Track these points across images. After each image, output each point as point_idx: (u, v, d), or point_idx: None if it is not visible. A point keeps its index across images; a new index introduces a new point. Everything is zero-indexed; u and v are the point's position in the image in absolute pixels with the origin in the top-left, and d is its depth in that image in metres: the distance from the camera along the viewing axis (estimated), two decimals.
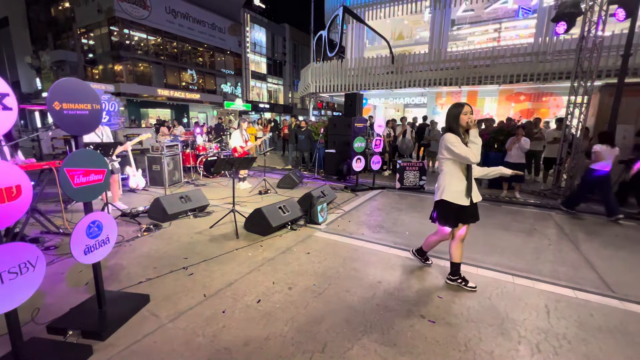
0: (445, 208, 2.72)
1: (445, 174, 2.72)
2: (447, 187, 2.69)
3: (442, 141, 2.67)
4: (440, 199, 2.73)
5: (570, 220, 5.11)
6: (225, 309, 2.42)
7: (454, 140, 2.58)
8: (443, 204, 2.72)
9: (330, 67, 12.18)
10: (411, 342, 2.13)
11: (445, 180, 2.71)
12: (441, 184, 2.75)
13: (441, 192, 2.72)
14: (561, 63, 8.19)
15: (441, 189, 2.73)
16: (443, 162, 2.73)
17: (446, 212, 2.73)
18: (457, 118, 2.63)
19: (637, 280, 3.12)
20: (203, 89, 26.40)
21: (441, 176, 2.76)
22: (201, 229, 4.17)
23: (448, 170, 2.70)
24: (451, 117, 2.68)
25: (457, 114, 2.64)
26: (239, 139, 6.30)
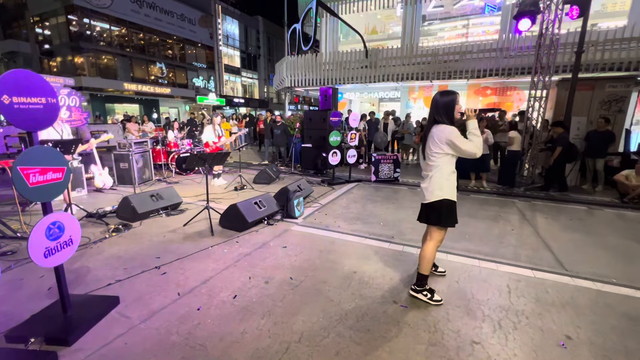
0: (449, 207, 2.42)
1: (441, 170, 2.39)
2: (446, 184, 2.40)
3: (442, 135, 2.31)
4: (443, 198, 2.40)
5: (532, 207, 5.47)
6: (201, 306, 2.39)
7: (458, 134, 2.30)
8: (447, 203, 2.41)
9: (305, 61, 12.10)
10: (384, 326, 2.22)
11: (443, 176, 2.40)
12: (438, 182, 2.41)
13: (440, 190, 2.40)
14: (523, 59, 8.65)
15: (439, 186, 2.40)
16: (439, 157, 2.37)
17: (451, 210, 2.44)
18: (451, 108, 2.35)
19: (587, 258, 3.42)
20: (174, 83, 25.32)
21: (436, 173, 2.41)
22: (174, 227, 4.06)
23: (445, 166, 2.39)
24: (443, 107, 2.36)
25: (451, 102, 2.35)
26: (211, 134, 6.14)
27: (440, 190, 2.41)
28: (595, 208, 5.45)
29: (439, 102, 2.39)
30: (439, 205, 2.42)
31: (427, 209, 2.52)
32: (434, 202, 2.44)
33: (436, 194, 2.42)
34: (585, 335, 2.18)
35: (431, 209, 2.47)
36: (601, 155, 6.32)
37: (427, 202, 2.49)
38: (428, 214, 2.52)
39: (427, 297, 2.52)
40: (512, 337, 2.14)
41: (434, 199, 2.43)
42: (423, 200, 2.55)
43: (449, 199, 2.41)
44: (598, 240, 3.98)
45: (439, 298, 2.52)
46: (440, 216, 2.45)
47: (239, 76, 32.06)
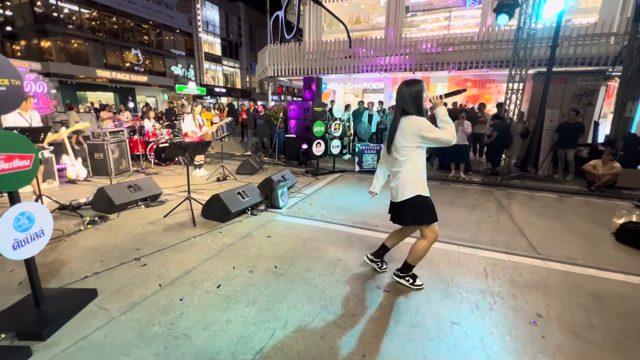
0: (424, 203, 2.31)
1: (412, 164, 2.28)
2: (418, 179, 2.29)
3: (413, 127, 2.20)
4: (416, 195, 2.28)
5: (508, 195, 5.70)
6: (183, 297, 2.35)
7: (429, 125, 2.19)
8: (421, 200, 2.29)
9: (288, 49, 11.87)
10: (368, 310, 2.27)
11: (415, 171, 2.28)
12: (410, 177, 2.29)
13: (413, 187, 2.28)
14: (502, 52, 8.88)
15: (411, 183, 2.28)
16: (411, 150, 2.25)
17: (427, 206, 2.31)
18: (419, 99, 2.25)
19: (557, 242, 3.62)
20: (151, 70, 24.25)
21: (407, 168, 2.28)
22: (154, 218, 3.95)
23: (416, 159, 2.28)
24: (412, 97, 2.24)
25: (420, 92, 2.24)
26: (191, 123, 5.96)
27: (413, 187, 2.28)
28: (566, 196, 5.75)
29: (407, 93, 2.26)
30: (412, 203, 2.29)
31: (399, 209, 2.37)
32: (406, 200, 2.30)
33: (409, 192, 2.28)
34: (555, 312, 2.32)
35: (404, 208, 2.33)
36: (571, 146, 6.65)
37: (398, 200, 2.35)
38: (401, 213, 2.37)
39: (409, 282, 2.58)
40: (488, 316, 2.25)
41: (407, 197, 2.29)
42: (394, 199, 2.39)
43: (423, 195, 2.29)
44: (567, 225, 4.22)
45: (420, 283, 2.58)
46: (415, 215, 2.32)
47: (220, 65, 31.13)
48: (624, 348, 1.98)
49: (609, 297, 2.53)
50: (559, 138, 6.77)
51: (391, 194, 2.45)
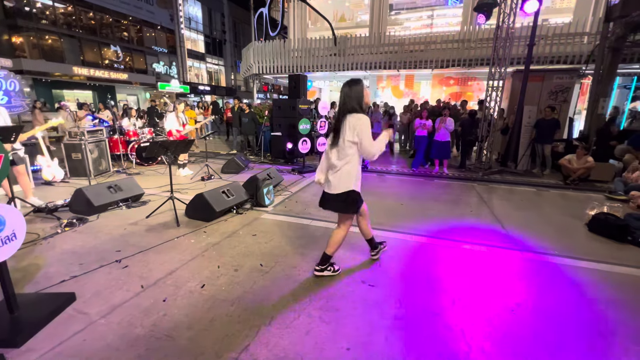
0: (355, 198, 2.45)
1: (354, 160, 2.38)
2: (356, 175, 2.42)
3: (359, 123, 2.27)
4: (351, 189, 2.41)
5: (489, 189, 5.87)
6: (167, 298, 2.32)
7: (369, 127, 2.28)
8: (355, 194, 2.44)
9: (273, 47, 11.79)
10: (352, 305, 2.30)
11: (355, 167, 2.40)
12: (350, 172, 2.39)
13: (350, 182, 2.40)
14: (482, 50, 9.11)
15: (349, 178, 2.39)
16: (354, 146, 2.33)
17: (356, 200, 2.47)
18: (362, 95, 2.35)
19: (533, 233, 3.76)
20: (131, 68, 23.52)
21: (349, 163, 2.38)
22: (136, 219, 3.86)
23: (357, 155, 2.39)
24: (356, 96, 2.34)
25: (362, 91, 2.35)
26: (174, 122, 5.84)
27: (350, 182, 2.39)
28: (543, 189, 5.98)
29: (351, 92, 2.35)
30: (346, 196, 2.41)
31: (335, 200, 2.46)
32: (342, 193, 2.41)
33: (346, 186, 2.40)
34: (532, 301, 2.41)
35: (339, 199, 2.44)
36: (548, 141, 6.91)
37: (335, 193, 2.43)
38: (337, 204, 2.49)
39: (331, 272, 2.68)
40: (468, 307, 2.32)
41: (344, 190, 2.40)
42: (330, 191, 2.47)
43: (356, 191, 2.43)
44: (544, 217, 4.39)
45: (338, 267, 2.72)
46: (347, 206, 2.46)
47: (204, 62, 30.53)
48: (595, 332, 2.08)
49: (581, 284, 2.66)
50: (536, 134, 7.01)
51: (329, 185, 2.49)
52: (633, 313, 2.30)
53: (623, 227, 3.56)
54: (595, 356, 1.87)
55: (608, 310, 2.32)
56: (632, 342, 2.00)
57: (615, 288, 2.62)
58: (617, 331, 2.10)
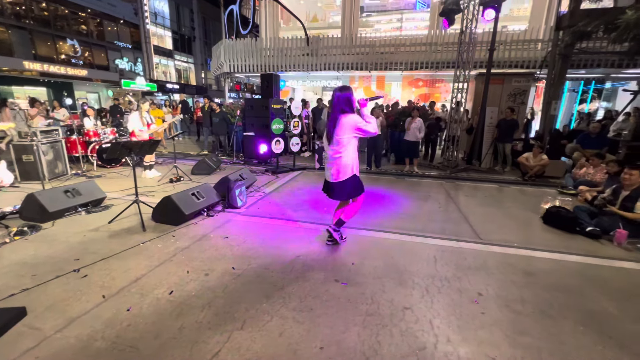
0: (358, 181, 3.02)
1: (350, 152, 2.92)
2: (355, 163, 2.97)
3: (351, 121, 2.83)
4: (353, 174, 2.95)
5: (455, 186, 6.16)
6: (131, 307, 2.20)
7: (361, 119, 2.87)
8: (356, 178, 2.99)
9: (245, 45, 11.55)
10: (326, 304, 2.32)
11: (353, 156, 2.95)
12: (350, 162, 2.92)
13: (352, 168, 2.93)
14: (448, 54, 9.52)
15: (351, 165, 2.93)
16: (350, 140, 2.90)
17: (360, 183, 3.04)
18: (350, 100, 2.88)
19: (497, 228, 4.00)
20: (91, 63, 22.01)
21: (347, 154, 2.91)
22: (97, 225, 3.62)
23: (353, 147, 2.94)
24: (344, 100, 2.87)
25: (350, 95, 2.88)
26: (138, 121, 5.54)
27: (351, 168, 2.92)
28: (504, 186, 6.37)
29: (342, 96, 2.87)
30: (353, 180, 2.95)
31: (344, 186, 2.96)
32: (346, 180, 2.93)
33: (349, 172, 2.92)
34: (493, 291, 2.57)
35: (347, 185, 2.94)
36: (508, 140, 7.38)
37: (339, 181, 2.94)
38: (341, 191, 2.98)
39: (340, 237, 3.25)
40: (436, 299, 2.42)
41: (346, 177, 2.92)
42: (333, 180, 2.96)
43: (357, 175, 2.99)
44: (505, 212, 4.68)
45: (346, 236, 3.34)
46: (355, 190, 2.98)
47: (172, 59, 29.29)
48: (547, 316, 2.26)
49: (537, 273, 2.87)
50: (498, 133, 7.46)
51: (329, 175, 3.01)
52: (579, 297, 2.52)
53: (572, 219, 3.89)
54: (550, 336, 2.03)
55: (557, 293, 2.52)
56: (578, 324, 2.18)
57: (565, 275, 2.85)
58: (566, 314, 2.28)
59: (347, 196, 3.02)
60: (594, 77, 11.40)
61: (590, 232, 3.70)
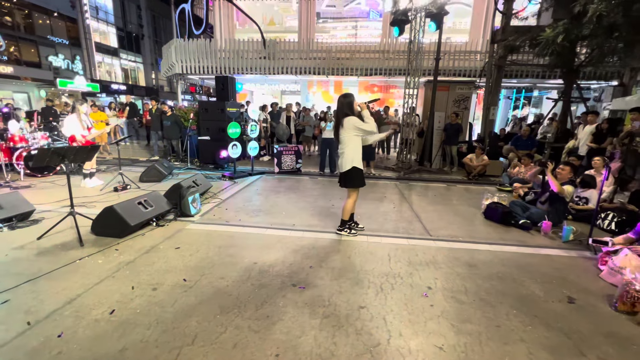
0: (358, 173, 3.47)
1: (351, 148, 3.42)
2: (355, 157, 3.44)
3: (349, 123, 3.36)
4: (352, 166, 3.43)
5: (409, 187, 6.50)
6: (63, 332, 1.97)
7: (359, 120, 3.36)
8: (356, 170, 3.45)
9: (198, 46, 11.11)
10: (283, 310, 2.30)
11: (353, 152, 3.43)
12: (349, 156, 3.42)
13: (351, 161, 3.42)
14: (400, 61, 10.08)
15: (350, 159, 3.42)
16: (351, 138, 3.40)
17: (360, 175, 3.49)
18: (352, 105, 3.40)
19: (445, 224, 4.29)
20: (18, 60, 19.52)
21: (347, 150, 3.42)
22: (23, 242, 3.21)
23: (354, 144, 3.43)
24: (347, 105, 3.40)
25: (351, 102, 3.41)
26: (76, 125, 5.03)
27: (352, 161, 3.43)
28: (452, 185, 6.88)
29: (344, 102, 3.43)
30: (352, 172, 3.45)
31: (345, 177, 3.51)
32: (348, 170, 3.45)
33: (348, 164, 3.43)
34: (441, 284, 2.74)
35: (347, 175, 3.48)
36: (454, 142, 7.99)
37: (344, 170, 3.47)
38: (346, 180, 3.53)
39: (347, 233, 3.69)
40: (390, 296, 2.52)
41: (348, 167, 3.44)
42: (341, 170, 3.53)
43: (358, 167, 3.45)
44: (452, 209, 5.04)
45: (355, 231, 3.73)
46: (353, 180, 3.50)
47: (117, 58, 27.10)
48: (486, 303, 2.47)
49: (478, 264, 3.13)
50: (445, 136, 8.04)
51: (339, 167, 3.57)
52: (512, 283, 2.80)
53: (508, 213, 4.32)
54: (488, 321, 2.22)
55: (494, 282, 2.78)
56: (512, 307, 2.42)
57: (501, 264, 3.15)
58: (501, 300, 2.52)
59: (345, 184, 3.55)
60: (524, 86, 12.86)
61: (522, 224, 4.14)
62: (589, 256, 3.41)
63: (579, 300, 2.56)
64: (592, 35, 5.83)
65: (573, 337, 2.12)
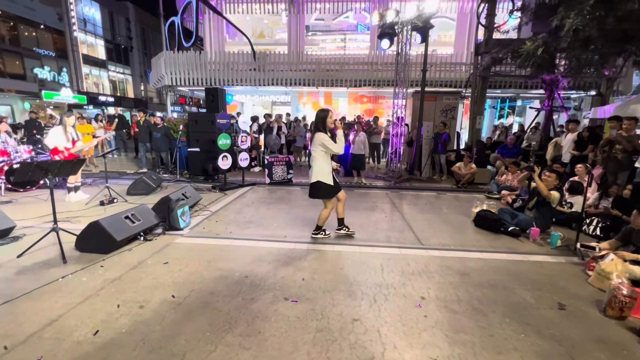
0: (324, 186, 3.57)
1: (318, 163, 3.55)
2: (320, 171, 3.55)
3: (317, 138, 3.49)
4: (318, 180, 3.55)
5: (399, 196, 6.54)
6: (42, 356, 1.88)
7: (327, 138, 3.48)
8: (322, 184, 3.56)
9: (188, 58, 11.12)
10: (275, 324, 2.24)
11: (319, 166, 3.55)
12: (315, 169, 3.56)
13: (317, 175, 3.55)
14: (388, 73, 10.31)
15: (316, 172, 3.56)
16: (318, 153, 3.54)
17: (325, 188, 3.59)
18: (325, 121, 3.49)
19: (436, 233, 4.31)
20: (1, 72, 19.15)
21: (314, 164, 3.56)
22: (1, 260, 3.08)
23: (321, 159, 3.55)
24: (319, 120, 3.52)
25: (324, 117, 3.50)
26: (61, 137, 4.92)
27: (317, 175, 3.56)
28: (442, 193, 6.95)
29: (318, 117, 3.55)
30: (317, 185, 3.58)
31: (311, 188, 3.66)
32: (313, 182, 3.60)
33: (314, 177, 3.58)
34: (434, 293, 2.74)
35: (313, 187, 3.63)
36: (443, 151, 8.12)
37: (310, 182, 3.62)
38: (312, 191, 3.68)
39: (323, 235, 3.90)
40: (383, 307, 2.50)
41: (313, 180, 3.59)
42: (309, 181, 3.65)
43: (323, 182, 3.56)
44: (442, 217, 5.08)
45: (329, 232, 3.95)
46: (319, 192, 3.62)
47: (105, 70, 26.87)
48: (479, 312, 2.47)
49: (469, 272, 3.14)
50: (434, 145, 8.18)
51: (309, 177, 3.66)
52: (504, 291, 2.81)
53: (497, 220, 4.38)
54: (481, 330, 2.22)
55: (486, 290, 2.79)
56: (504, 316, 2.43)
57: (492, 272, 3.17)
58: (494, 308, 2.52)
59: (312, 195, 3.69)
60: (508, 96, 13.27)
61: (511, 231, 4.20)
62: (577, 262, 3.47)
63: (569, 306, 2.59)
64: (570, 47, 6.09)
65: (565, 344, 2.13)
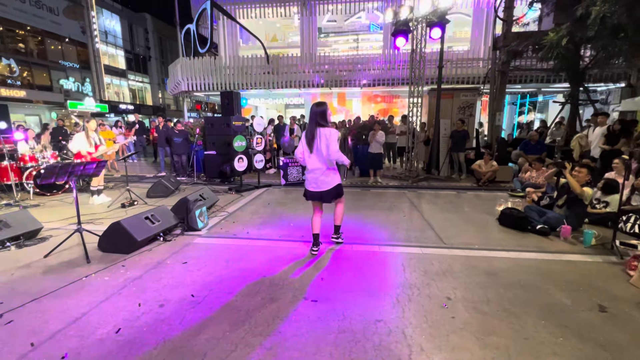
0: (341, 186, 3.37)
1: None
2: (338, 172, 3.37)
3: (334, 134, 3.07)
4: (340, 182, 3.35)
5: (418, 195, 6.37)
6: (68, 353, 1.89)
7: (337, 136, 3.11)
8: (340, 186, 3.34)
9: (203, 64, 11.36)
10: (296, 325, 2.18)
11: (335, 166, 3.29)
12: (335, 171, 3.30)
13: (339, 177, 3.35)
14: (402, 71, 10.15)
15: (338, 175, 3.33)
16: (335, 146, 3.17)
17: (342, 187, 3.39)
18: (325, 114, 3.13)
19: (458, 232, 4.14)
20: (31, 84, 20.20)
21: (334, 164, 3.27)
22: (29, 261, 3.16)
23: None
24: (321, 113, 3.12)
25: (325, 110, 3.14)
26: (83, 142, 5.08)
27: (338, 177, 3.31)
28: (462, 192, 6.73)
29: (318, 111, 3.13)
30: (340, 186, 3.32)
31: (335, 190, 3.27)
32: (338, 185, 3.27)
33: (338, 180, 3.28)
34: (460, 294, 2.60)
35: (337, 190, 3.29)
36: (461, 149, 7.88)
37: (333, 186, 3.22)
38: (337, 193, 3.31)
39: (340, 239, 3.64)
40: (407, 308, 2.39)
41: (337, 182, 3.27)
42: (328, 187, 3.20)
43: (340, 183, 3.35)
44: (464, 216, 4.90)
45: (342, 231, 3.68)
46: (338, 193, 3.34)
47: (126, 79, 27.90)
48: (510, 313, 2.32)
49: (497, 272, 2.98)
50: (452, 144, 7.95)
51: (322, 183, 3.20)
52: (536, 292, 2.64)
53: (524, 219, 4.16)
54: (515, 333, 2.07)
55: (517, 291, 2.63)
56: (539, 318, 2.27)
57: (522, 272, 2.99)
58: (527, 310, 2.37)
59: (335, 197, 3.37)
60: (528, 91, 12.80)
61: (540, 229, 3.98)
62: (616, 261, 3.24)
63: (610, 309, 2.40)
64: (597, 36, 5.79)
65: (610, 349, 1.96)
